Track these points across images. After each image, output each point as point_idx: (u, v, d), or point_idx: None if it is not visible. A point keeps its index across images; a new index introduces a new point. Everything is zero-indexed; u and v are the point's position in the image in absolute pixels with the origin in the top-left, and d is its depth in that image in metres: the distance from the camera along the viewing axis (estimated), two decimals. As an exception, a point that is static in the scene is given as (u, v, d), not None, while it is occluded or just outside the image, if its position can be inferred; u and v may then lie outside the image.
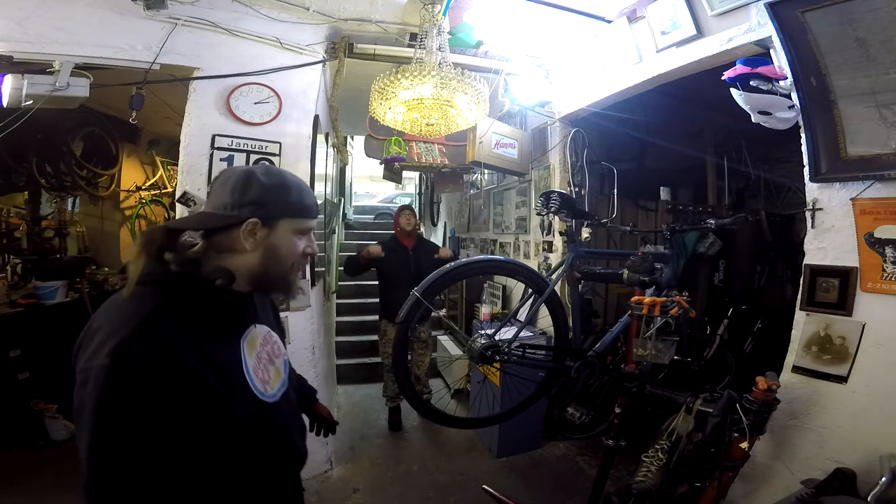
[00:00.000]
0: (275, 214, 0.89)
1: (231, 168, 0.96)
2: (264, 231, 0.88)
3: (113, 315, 0.80)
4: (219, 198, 0.89)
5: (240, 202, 0.86)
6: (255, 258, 0.89)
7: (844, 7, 1.48)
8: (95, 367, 0.73)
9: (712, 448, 1.62)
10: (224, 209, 0.87)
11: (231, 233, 0.87)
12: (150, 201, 4.73)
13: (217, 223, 0.86)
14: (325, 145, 3.13)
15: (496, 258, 3.53)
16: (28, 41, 2.06)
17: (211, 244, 0.86)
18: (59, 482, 2.58)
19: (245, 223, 0.86)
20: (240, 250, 0.87)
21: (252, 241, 0.87)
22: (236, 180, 0.88)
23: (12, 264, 3.44)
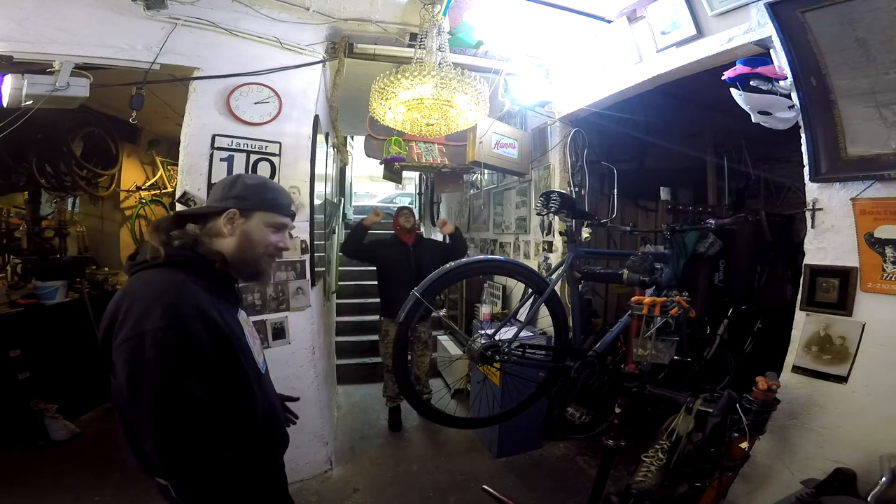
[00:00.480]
0: (251, 207, 1.08)
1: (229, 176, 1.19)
2: (241, 220, 1.08)
3: (145, 291, 0.92)
4: (214, 194, 1.12)
5: (225, 196, 1.08)
6: (233, 242, 1.07)
7: (844, 7, 1.48)
8: (150, 330, 0.85)
9: (712, 448, 1.62)
10: (215, 202, 1.09)
11: (218, 220, 1.06)
12: (150, 201, 4.72)
13: (209, 211, 1.08)
14: (325, 145, 3.13)
15: (496, 258, 3.53)
16: (28, 41, 2.06)
17: (206, 230, 1.06)
18: (59, 482, 2.58)
19: (227, 212, 1.06)
20: (222, 235, 1.06)
21: (230, 227, 1.06)
22: (227, 181, 1.12)
23: (12, 264, 3.44)
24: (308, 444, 2.59)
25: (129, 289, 0.96)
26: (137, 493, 2.48)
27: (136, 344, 0.85)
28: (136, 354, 0.85)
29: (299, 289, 2.57)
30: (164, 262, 0.97)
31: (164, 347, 0.85)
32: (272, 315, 2.49)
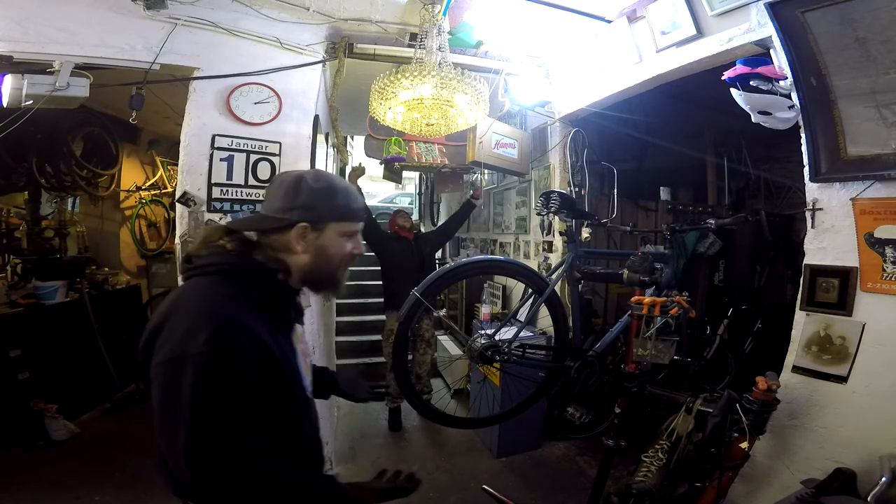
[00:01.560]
0: (323, 218, 0.95)
1: (285, 172, 1.04)
2: (314, 234, 0.95)
3: (195, 305, 0.84)
4: (273, 201, 0.95)
5: (291, 206, 0.93)
6: (307, 259, 0.95)
7: (844, 7, 1.48)
8: (193, 354, 0.77)
9: (712, 448, 1.62)
10: (277, 212, 0.94)
11: (284, 234, 0.94)
12: (150, 201, 4.73)
13: (272, 225, 0.94)
14: (325, 145, 3.13)
15: (496, 258, 3.53)
16: (28, 41, 2.06)
17: (267, 243, 0.95)
18: (59, 482, 2.58)
19: (295, 227, 0.93)
20: (293, 251, 0.95)
21: (303, 244, 0.94)
22: (288, 185, 0.95)
23: (12, 264, 3.44)
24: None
25: (181, 299, 0.88)
26: (137, 494, 2.48)
27: (178, 366, 0.78)
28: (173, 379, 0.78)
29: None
30: (221, 270, 0.89)
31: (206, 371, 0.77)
32: (272, 315, 2.48)
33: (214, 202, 2.38)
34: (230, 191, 2.41)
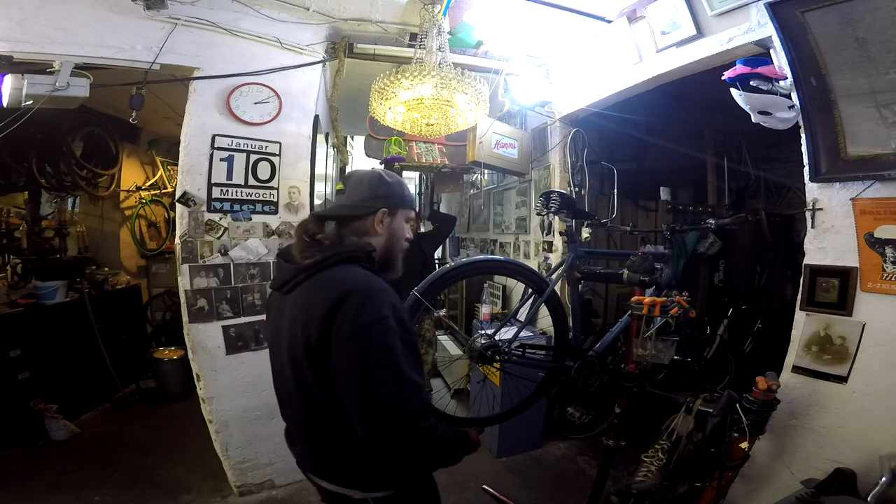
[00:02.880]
0: (396, 205, 1.16)
1: (360, 170, 1.22)
2: (388, 219, 1.16)
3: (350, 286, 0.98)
4: (356, 193, 1.15)
5: (374, 195, 1.14)
6: (382, 240, 1.16)
7: (844, 7, 1.48)
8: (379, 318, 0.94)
9: (712, 448, 1.62)
10: (364, 201, 1.13)
11: (366, 220, 1.13)
12: (150, 201, 4.72)
13: (360, 212, 1.13)
14: (325, 145, 3.13)
15: (496, 258, 3.53)
16: (28, 41, 2.05)
17: (350, 229, 1.12)
18: (59, 482, 2.58)
19: (378, 212, 1.13)
20: (373, 233, 1.14)
21: (381, 227, 1.15)
22: (370, 179, 1.16)
23: (12, 264, 3.44)
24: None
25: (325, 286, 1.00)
26: (137, 494, 2.49)
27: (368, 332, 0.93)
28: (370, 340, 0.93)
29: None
30: (346, 258, 1.05)
31: (392, 332, 0.95)
32: (272, 315, 2.49)
33: (214, 202, 2.38)
34: (230, 191, 2.41)
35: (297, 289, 1.05)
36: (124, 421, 3.42)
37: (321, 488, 1.13)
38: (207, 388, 2.37)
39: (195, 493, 2.51)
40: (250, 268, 2.45)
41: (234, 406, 2.42)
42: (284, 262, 1.12)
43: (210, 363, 2.36)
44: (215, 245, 2.38)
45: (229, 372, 2.40)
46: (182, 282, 2.33)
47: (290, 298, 1.07)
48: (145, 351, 4.06)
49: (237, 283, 2.42)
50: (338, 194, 1.20)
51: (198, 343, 2.35)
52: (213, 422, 2.40)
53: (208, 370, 2.36)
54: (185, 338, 2.36)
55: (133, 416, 3.52)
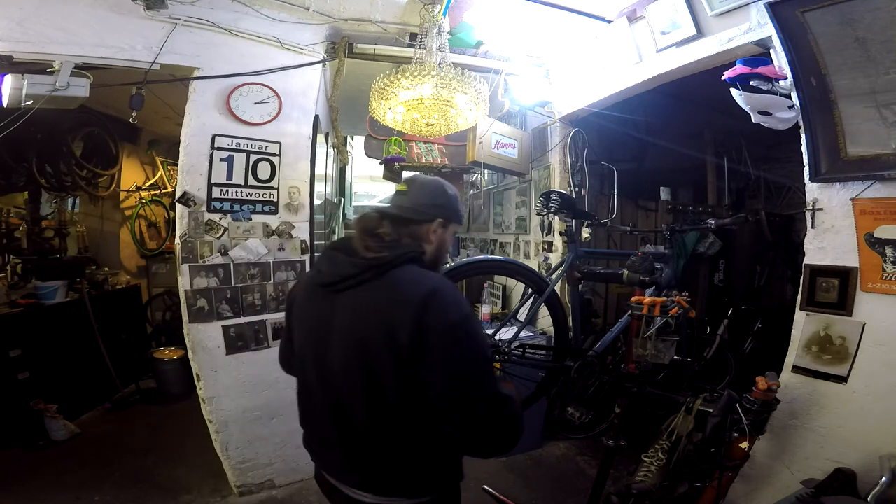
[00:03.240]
0: (450, 218, 1.19)
1: (424, 176, 1.27)
2: (441, 229, 1.17)
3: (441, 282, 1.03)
4: (419, 198, 1.16)
5: (435, 203, 1.16)
6: (432, 248, 1.17)
7: (844, 7, 1.48)
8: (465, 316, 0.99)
9: (712, 448, 1.62)
10: (426, 207, 1.15)
11: (422, 226, 1.15)
12: (150, 201, 4.72)
13: (420, 217, 1.14)
14: (325, 145, 3.13)
15: (496, 258, 3.53)
16: (28, 41, 2.05)
17: (407, 231, 1.13)
18: (59, 482, 2.58)
19: (435, 221, 1.15)
20: (426, 240, 1.15)
21: (434, 236, 1.16)
22: (435, 188, 1.18)
23: (12, 264, 3.43)
24: (308, 444, 2.60)
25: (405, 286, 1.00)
26: (137, 493, 2.49)
27: (465, 328, 0.97)
28: (467, 337, 0.98)
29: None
30: (410, 258, 1.06)
31: (479, 328, 1.04)
32: (272, 315, 2.49)
33: (214, 202, 2.38)
34: (230, 191, 2.41)
35: (361, 287, 1.01)
36: (124, 421, 3.42)
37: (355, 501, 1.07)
38: (207, 388, 2.37)
39: (195, 493, 2.51)
40: (250, 268, 2.45)
41: (234, 406, 2.42)
42: (345, 256, 1.06)
43: (210, 363, 2.36)
44: (215, 245, 2.38)
45: (229, 372, 2.40)
46: (182, 282, 2.33)
47: (349, 297, 1.02)
48: (145, 351, 4.06)
49: (237, 283, 2.42)
50: (398, 194, 1.19)
51: (198, 343, 2.35)
52: (213, 422, 2.40)
53: (208, 370, 2.36)
54: (185, 338, 2.36)
55: (133, 416, 3.52)
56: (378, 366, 0.97)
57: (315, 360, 1.09)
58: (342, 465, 1.08)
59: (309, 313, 1.13)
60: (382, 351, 0.96)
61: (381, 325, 0.97)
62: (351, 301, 1.02)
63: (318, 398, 1.11)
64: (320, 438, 1.15)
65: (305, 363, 1.13)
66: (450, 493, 1.14)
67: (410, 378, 0.96)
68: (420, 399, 0.98)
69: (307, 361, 1.12)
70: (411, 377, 0.96)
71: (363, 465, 1.05)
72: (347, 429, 1.04)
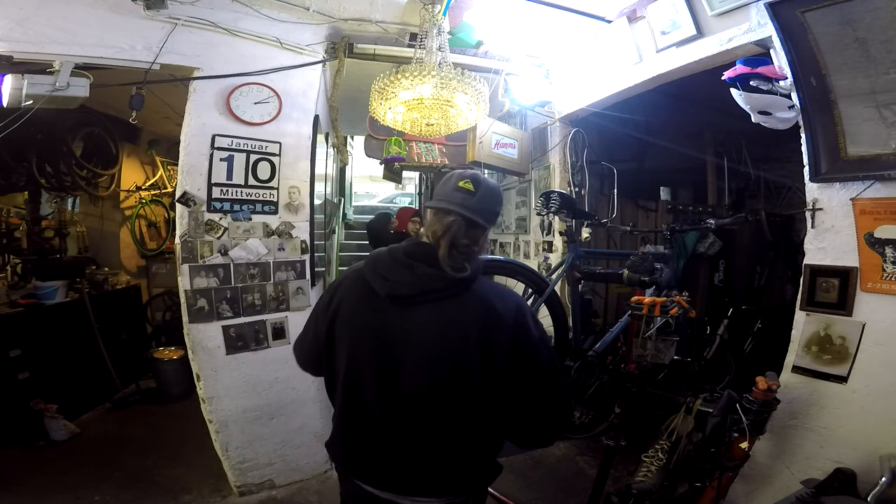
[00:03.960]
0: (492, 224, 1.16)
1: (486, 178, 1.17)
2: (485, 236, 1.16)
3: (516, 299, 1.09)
4: (487, 203, 1.10)
5: (495, 211, 1.15)
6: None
7: (844, 7, 1.48)
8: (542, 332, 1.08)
9: (712, 448, 1.62)
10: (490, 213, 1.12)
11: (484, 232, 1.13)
12: (150, 201, 4.72)
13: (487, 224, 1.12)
14: (325, 145, 3.13)
15: (496, 258, 3.52)
16: (28, 41, 2.05)
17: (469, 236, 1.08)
18: (59, 482, 2.58)
19: (489, 228, 1.14)
20: (481, 246, 1.14)
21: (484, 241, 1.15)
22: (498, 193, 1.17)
23: (12, 264, 3.44)
24: (308, 444, 2.59)
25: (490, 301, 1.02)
26: (137, 493, 2.49)
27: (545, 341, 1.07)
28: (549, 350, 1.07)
29: (299, 289, 2.56)
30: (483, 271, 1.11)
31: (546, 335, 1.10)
32: (272, 315, 2.49)
33: (214, 202, 2.38)
34: (230, 191, 2.41)
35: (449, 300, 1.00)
36: (124, 421, 3.42)
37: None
38: (207, 388, 2.37)
39: (195, 493, 2.51)
40: (250, 268, 2.45)
41: (234, 406, 2.42)
42: (427, 268, 1.00)
43: (210, 363, 2.36)
44: (215, 245, 2.38)
45: (229, 372, 2.40)
46: (182, 282, 2.33)
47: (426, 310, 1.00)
48: (145, 351, 4.06)
49: (237, 283, 2.42)
50: (465, 192, 1.07)
51: (198, 343, 2.35)
52: (213, 422, 2.40)
53: (208, 370, 2.36)
54: (185, 338, 2.36)
55: (133, 416, 3.52)
56: (469, 380, 0.99)
57: (379, 374, 1.02)
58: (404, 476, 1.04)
59: (369, 324, 1.04)
60: (476, 365, 0.98)
61: (476, 342, 0.98)
62: (433, 315, 1.00)
63: (375, 413, 1.03)
64: (374, 452, 1.06)
65: (360, 376, 1.04)
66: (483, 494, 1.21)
67: (496, 388, 1.01)
68: (496, 405, 1.04)
69: (363, 374, 1.04)
70: (497, 387, 1.01)
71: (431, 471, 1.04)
72: (418, 439, 1.02)
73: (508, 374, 1.00)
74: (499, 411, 1.05)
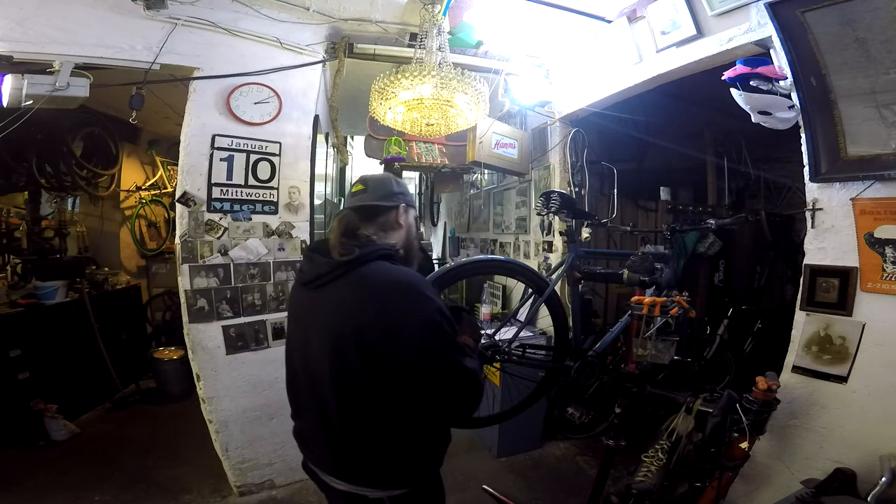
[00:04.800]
0: (410, 203, 1.26)
1: (374, 173, 1.33)
2: (405, 214, 1.24)
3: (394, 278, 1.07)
4: (381, 190, 1.22)
5: (395, 192, 1.23)
6: (403, 233, 1.24)
7: (844, 7, 1.48)
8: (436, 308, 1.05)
9: (712, 448, 1.62)
10: (389, 197, 1.21)
11: (391, 213, 1.21)
12: (150, 201, 4.73)
13: (388, 204, 1.21)
14: (325, 145, 3.13)
15: (496, 258, 3.52)
16: (28, 41, 2.05)
17: (377, 224, 1.20)
18: (59, 482, 2.58)
19: (400, 206, 1.22)
20: (396, 227, 1.22)
21: (403, 220, 1.23)
22: (390, 178, 1.28)
23: (12, 264, 3.44)
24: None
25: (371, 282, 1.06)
26: (137, 493, 2.49)
27: (432, 321, 1.02)
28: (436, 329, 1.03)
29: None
30: (380, 255, 1.11)
31: (444, 312, 1.05)
32: (272, 315, 2.49)
33: (214, 202, 2.38)
34: (230, 191, 2.41)
35: (333, 283, 1.09)
36: (124, 421, 3.42)
37: (334, 490, 1.14)
38: (207, 388, 2.37)
39: (195, 493, 2.51)
40: (250, 268, 2.45)
41: (234, 406, 2.42)
42: (320, 257, 1.14)
43: (210, 363, 2.36)
44: (215, 245, 2.38)
45: (229, 372, 2.40)
46: (182, 282, 2.33)
47: (324, 293, 1.10)
48: (145, 351, 4.06)
49: (237, 283, 2.42)
50: (358, 194, 1.22)
51: (198, 343, 2.35)
52: (213, 422, 2.40)
53: (208, 370, 2.36)
54: (185, 338, 2.36)
55: (133, 416, 3.52)
56: (347, 359, 1.03)
57: (300, 352, 1.17)
58: (321, 452, 1.15)
59: (296, 309, 1.24)
60: (350, 345, 1.02)
61: (349, 320, 1.03)
62: (326, 296, 1.10)
63: (303, 388, 1.18)
64: (306, 427, 1.21)
65: (293, 354, 1.21)
66: (428, 485, 1.20)
67: (380, 369, 1.02)
68: (390, 391, 1.04)
69: (294, 353, 1.20)
70: (382, 368, 1.02)
71: (337, 453, 1.11)
72: (324, 418, 1.10)
73: (389, 351, 1.01)
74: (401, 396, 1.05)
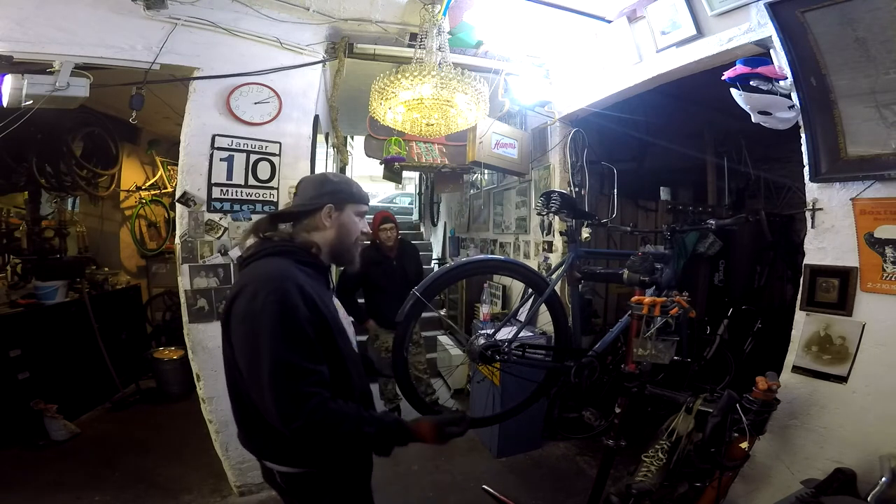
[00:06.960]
0: (344, 200, 1.23)
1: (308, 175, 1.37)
2: (336, 213, 1.23)
3: (257, 273, 1.10)
4: (305, 193, 1.24)
5: (319, 193, 1.22)
6: (333, 234, 1.23)
7: (844, 7, 1.48)
8: (268, 302, 1.02)
9: (712, 448, 1.62)
10: (310, 199, 1.22)
11: (315, 216, 1.21)
12: (150, 201, 4.73)
13: (307, 208, 1.21)
14: (325, 145, 3.13)
15: (496, 258, 3.52)
16: (28, 41, 2.06)
17: (301, 226, 1.22)
18: (59, 482, 2.58)
19: (324, 208, 1.21)
20: (321, 228, 1.22)
21: (329, 221, 1.22)
22: (315, 180, 1.28)
23: (12, 264, 3.44)
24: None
25: (244, 276, 1.13)
26: (137, 493, 2.49)
27: (255, 314, 1.02)
28: (253, 322, 1.02)
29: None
30: (271, 252, 1.14)
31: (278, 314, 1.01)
32: (272, 315, 2.49)
33: (214, 202, 2.38)
34: (230, 191, 2.41)
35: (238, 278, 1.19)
36: (124, 421, 3.42)
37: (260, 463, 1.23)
38: (207, 388, 2.37)
39: (195, 493, 2.51)
40: (250, 268, 2.45)
41: (234, 406, 2.42)
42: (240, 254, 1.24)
43: (210, 363, 2.36)
44: (215, 245, 2.39)
45: (229, 372, 2.40)
46: (182, 282, 2.33)
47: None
48: (145, 351, 4.06)
49: (237, 283, 2.42)
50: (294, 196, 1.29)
51: (198, 343, 2.35)
52: (213, 422, 2.40)
53: (208, 370, 2.36)
54: (185, 338, 2.36)
55: (133, 416, 3.52)
56: (225, 340, 1.12)
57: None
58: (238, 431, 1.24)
59: None
60: (225, 326, 1.11)
61: (225, 305, 1.11)
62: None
63: None
64: None
65: None
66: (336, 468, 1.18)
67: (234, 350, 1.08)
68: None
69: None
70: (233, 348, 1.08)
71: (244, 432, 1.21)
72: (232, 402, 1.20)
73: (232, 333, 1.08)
74: None
